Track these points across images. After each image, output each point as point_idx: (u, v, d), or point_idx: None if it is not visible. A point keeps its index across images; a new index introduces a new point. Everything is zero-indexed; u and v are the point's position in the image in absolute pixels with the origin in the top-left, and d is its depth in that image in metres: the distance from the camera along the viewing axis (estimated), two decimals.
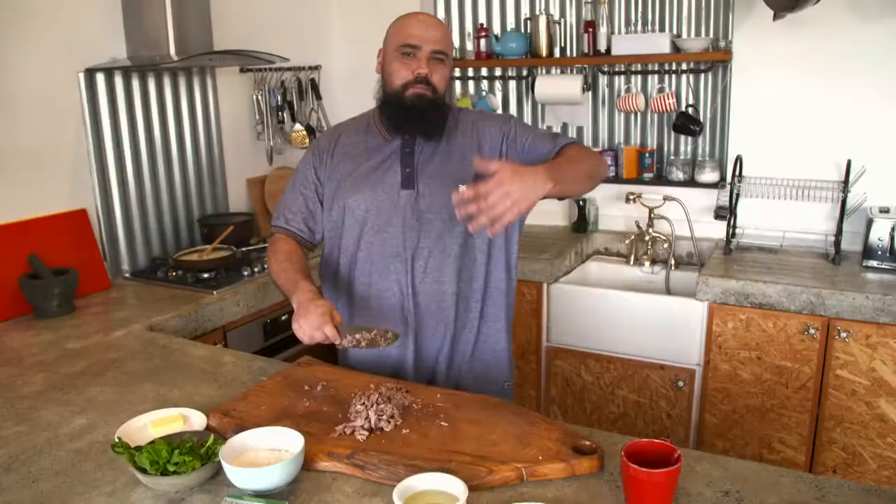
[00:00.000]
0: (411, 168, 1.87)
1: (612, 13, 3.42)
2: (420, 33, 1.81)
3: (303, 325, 1.64)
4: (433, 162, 1.88)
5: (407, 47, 1.82)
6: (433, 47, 1.81)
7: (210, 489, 1.36)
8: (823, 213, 3.08)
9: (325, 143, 1.99)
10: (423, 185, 1.86)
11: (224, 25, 3.15)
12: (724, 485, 1.35)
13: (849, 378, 2.59)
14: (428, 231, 1.85)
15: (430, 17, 1.86)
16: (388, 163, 1.89)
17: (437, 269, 1.87)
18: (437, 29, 1.83)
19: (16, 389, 1.88)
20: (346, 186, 1.90)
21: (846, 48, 2.90)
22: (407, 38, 1.81)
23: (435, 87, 1.82)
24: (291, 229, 1.96)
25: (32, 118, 2.59)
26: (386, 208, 1.86)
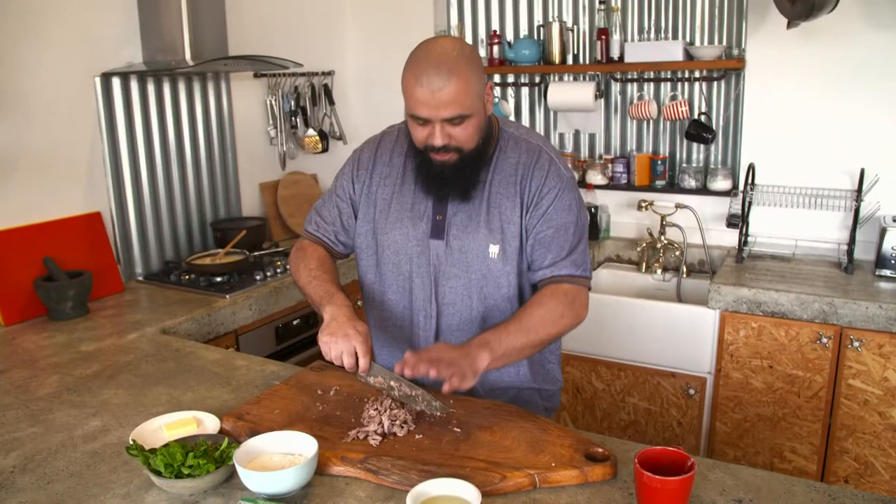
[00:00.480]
0: (443, 216, 1.74)
1: (625, 20, 3.42)
2: (426, 101, 1.56)
3: (333, 344, 1.55)
4: (465, 211, 1.73)
5: (416, 118, 1.62)
6: (445, 115, 1.58)
7: (224, 492, 1.37)
8: (836, 221, 3.07)
9: (366, 157, 1.85)
10: (454, 238, 1.73)
11: (239, 31, 3.18)
12: (738, 493, 1.34)
13: (861, 387, 2.58)
14: (454, 287, 1.76)
15: (438, 77, 1.54)
16: (423, 206, 1.76)
17: (463, 322, 1.78)
18: (448, 90, 1.54)
19: (30, 391, 1.89)
20: (381, 221, 1.80)
21: (860, 57, 2.89)
22: (414, 110, 1.60)
23: (461, 148, 1.64)
24: (322, 238, 1.89)
25: (48, 122, 2.61)
26: (415, 257, 1.77)
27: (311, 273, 1.78)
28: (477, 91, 1.60)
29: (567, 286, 1.71)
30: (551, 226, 1.71)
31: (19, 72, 2.51)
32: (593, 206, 3.51)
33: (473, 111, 1.60)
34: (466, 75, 1.56)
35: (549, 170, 1.72)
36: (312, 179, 3.76)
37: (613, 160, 3.51)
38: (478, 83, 1.60)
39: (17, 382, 1.95)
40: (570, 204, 1.72)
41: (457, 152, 1.64)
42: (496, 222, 1.72)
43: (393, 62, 3.89)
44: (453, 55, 1.57)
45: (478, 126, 1.64)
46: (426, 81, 1.55)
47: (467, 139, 1.63)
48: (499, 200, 1.72)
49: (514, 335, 1.60)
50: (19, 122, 2.53)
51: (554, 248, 1.71)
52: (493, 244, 1.72)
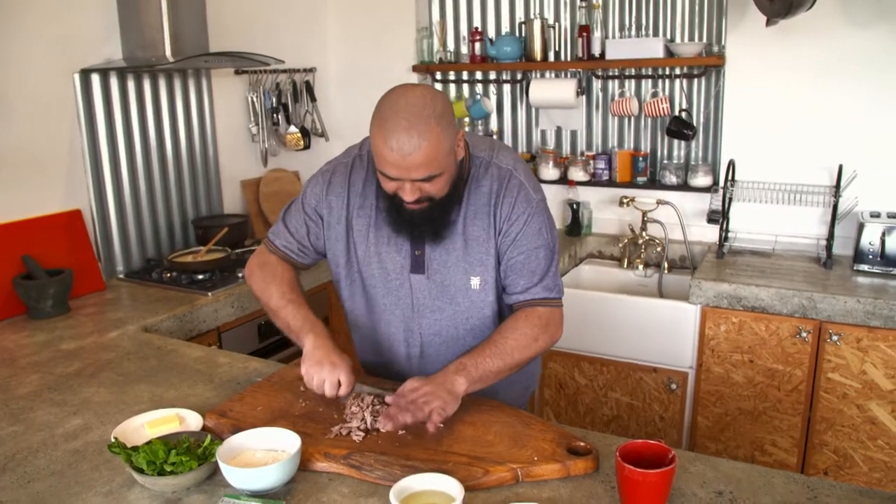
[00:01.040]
0: (421, 252, 1.72)
1: (606, 18, 3.43)
2: (396, 163, 1.50)
3: (317, 373, 1.57)
4: (443, 247, 1.71)
5: (386, 176, 1.56)
6: (416, 177, 1.53)
7: (207, 489, 1.37)
8: (815, 217, 3.10)
9: (339, 180, 1.77)
10: (435, 273, 1.73)
11: (219, 27, 3.16)
12: (718, 485, 1.36)
13: (840, 381, 2.61)
14: (438, 319, 1.77)
15: (409, 142, 1.47)
16: (398, 241, 1.73)
17: (446, 345, 1.79)
18: (418, 154, 1.48)
19: (10, 390, 1.88)
20: (359, 252, 1.77)
21: (838, 54, 2.92)
22: (383, 168, 1.54)
23: (431, 198, 1.60)
24: (288, 253, 1.84)
25: (27, 118, 2.59)
26: (396, 289, 1.76)
27: (286, 297, 1.75)
28: (448, 147, 1.54)
29: (541, 310, 1.72)
30: (522, 251, 1.70)
31: None
32: (575, 202, 3.52)
33: (445, 168, 1.55)
34: (437, 135, 1.49)
35: (519, 194, 1.69)
36: (294, 176, 3.75)
37: (595, 157, 3.53)
38: (449, 140, 1.54)
39: None
40: (540, 228, 1.71)
41: (428, 201, 1.60)
42: (475, 255, 1.71)
43: (375, 59, 3.93)
44: (424, 114, 1.49)
45: (449, 179, 1.60)
46: (396, 145, 1.48)
47: (439, 191, 1.59)
48: (475, 233, 1.70)
49: (489, 359, 1.60)
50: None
51: (525, 274, 1.71)
52: (473, 276, 1.72)
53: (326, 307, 3.10)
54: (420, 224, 1.65)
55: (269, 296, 1.78)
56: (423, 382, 1.54)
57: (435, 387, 1.51)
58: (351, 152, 1.82)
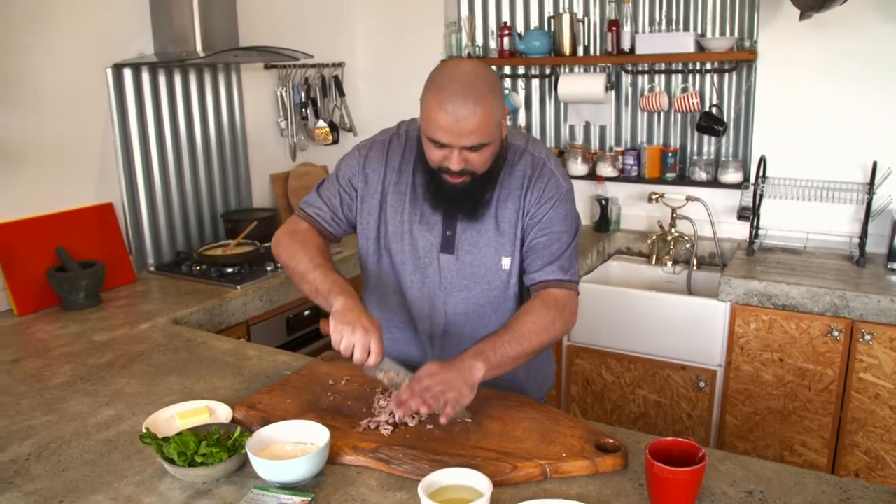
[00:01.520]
0: (452, 232, 1.73)
1: (636, 12, 3.41)
2: (450, 128, 1.52)
3: (349, 334, 1.49)
4: (475, 228, 1.73)
5: (435, 141, 1.58)
6: (467, 144, 1.55)
7: (236, 481, 1.38)
8: (848, 214, 3.05)
9: (376, 155, 1.80)
10: (465, 253, 1.74)
11: (249, 22, 3.18)
12: (748, 485, 1.35)
13: (872, 381, 2.58)
14: (465, 299, 1.77)
15: (465, 106, 1.50)
16: (431, 220, 1.74)
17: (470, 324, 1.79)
18: (472, 120, 1.51)
19: (44, 380, 1.91)
20: (390, 229, 1.78)
21: (872, 49, 2.87)
22: (434, 134, 1.56)
23: (474, 172, 1.62)
24: (320, 221, 1.83)
25: (60, 113, 2.62)
26: (425, 267, 1.77)
27: (314, 261, 1.71)
28: (498, 119, 1.57)
29: (557, 292, 1.71)
30: (545, 234, 1.72)
31: (31, 63, 2.52)
32: (603, 198, 3.50)
33: (493, 139, 1.58)
34: (491, 104, 1.53)
35: (549, 181, 1.72)
36: (323, 171, 3.76)
37: (624, 152, 3.51)
38: (499, 111, 1.58)
39: (32, 371, 1.97)
40: (566, 214, 1.74)
41: (470, 175, 1.62)
42: (506, 236, 1.73)
43: (403, 54, 3.93)
44: (478, 83, 1.53)
45: (494, 152, 1.63)
46: (451, 109, 1.50)
47: (482, 164, 1.62)
48: (506, 215, 1.73)
49: (508, 344, 1.58)
50: (31, 113, 2.54)
51: (545, 255, 1.73)
52: (504, 257, 1.74)
53: None
54: (458, 200, 1.67)
55: (298, 261, 1.73)
56: (441, 368, 1.50)
57: (452, 374, 1.48)
58: (387, 132, 1.84)
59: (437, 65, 1.60)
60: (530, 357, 1.64)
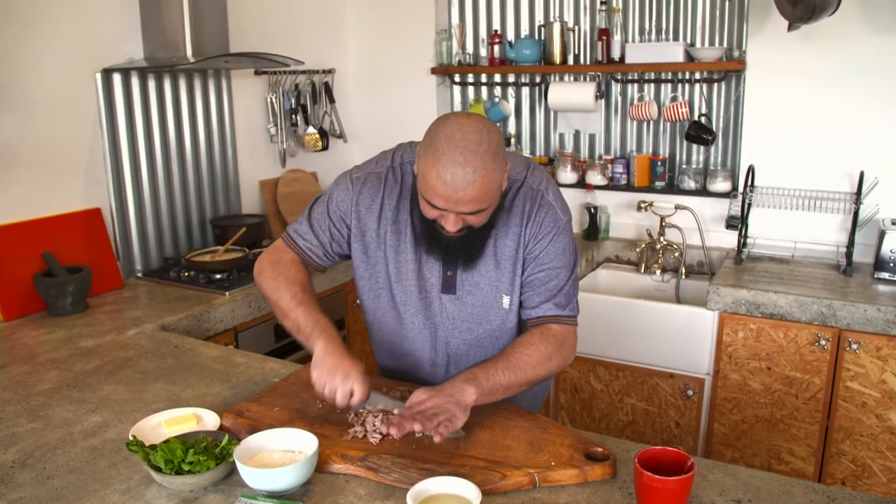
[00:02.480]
0: (453, 273, 1.71)
1: (626, 21, 3.42)
2: (447, 196, 1.47)
3: (330, 381, 1.51)
4: (475, 268, 1.71)
5: (431, 205, 1.53)
6: (463, 211, 1.51)
7: (224, 489, 1.37)
8: (835, 224, 3.07)
9: (369, 196, 1.73)
10: (467, 294, 1.72)
11: (240, 28, 3.18)
12: (737, 494, 1.35)
13: (859, 390, 2.59)
14: (467, 340, 1.78)
15: (463, 178, 1.44)
16: (430, 261, 1.72)
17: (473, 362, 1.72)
18: (471, 190, 1.46)
19: (30, 386, 1.89)
20: (389, 268, 1.74)
21: (860, 59, 2.89)
22: (432, 199, 1.50)
23: (472, 227, 1.58)
24: (308, 254, 1.80)
25: (49, 117, 2.61)
26: (426, 308, 1.75)
27: (297, 297, 1.68)
28: (498, 184, 1.52)
29: (556, 328, 1.70)
30: (542, 269, 1.70)
31: (20, 67, 2.51)
32: (593, 206, 3.51)
33: (492, 202, 1.54)
34: (491, 172, 1.47)
35: (547, 214, 1.69)
36: (312, 177, 3.76)
37: (613, 161, 3.52)
38: (500, 175, 1.51)
39: (17, 378, 1.95)
40: (564, 248, 1.71)
41: (467, 229, 1.58)
42: (506, 274, 1.71)
43: (394, 61, 3.93)
44: (480, 150, 1.45)
45: (492, 209, 1.58)
46: (450, 179, 1.44)
47: (480, 222, 1.58)
48: (506, 253, 1.70)
49: (501, 372, 1.56)
50: (20, 117, 2.52)
51: (543, 292, 1.71)
52: (504, 296, 1.72)
53: (343, 309, 3.10)
54: (455, 250, 1.64)
55: (280, 295, 1.71)
56: (432, 394, 1.48)
57: (443, 398, 1.47)
58: (383, 162, 1.76)
59: (438, 119, 1.53)
60: (523, 388, 1.62)
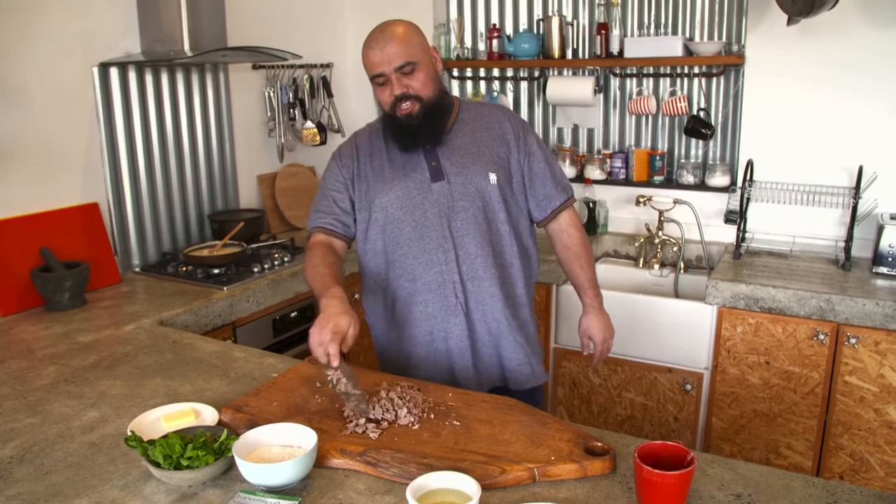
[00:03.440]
0: (437, 162, 1.92)
1: (624, 15, 3.42)
2: (378, 59, 1.83)
3: (316, 334, 1.59)
4: (458, 153, 1.93)
5: (376, 77, 1.86)
6: (395, 64, 1.82)
7: (222, 484, 1.37)
8: (834, 218, 3.07)
9: (347, 149, 2.04)
10: (455, 176, 1.91)
11: (238, 22, 3.17)
12: (736, 488, 1.35)
13: (857, 384, 2.59)
14: (465, 218, 1.91)
15: (384, 34, 1.84)
16: (414, 160, 1.93)
17: (478, 248, 1.92)
18: (393, 44, 1.82)
19: (28, 382, 1.89)
20: (377, 187, 1.94)
21: (859, 54, 2.89)
22: (371, 70, 1.86)
23: (418, 97, 1.86)
24: (325, 226, 1.98)
25: (46, 112, 2.60)
26: (420, 203, 1.90)
27: (314, 269, 1.84)
28: (419, 43, 1.87)
29: (564, 217, 2.08)
30: (539, 160, 2.01)
31: (17, 61, 2.50)
32: (591, 201, 3.51)
33: (419, 60, 1.85)
34: (406, 29, 1.86)
35: (516, 118, 2.05)
36: (310, 172, 3.75)
37: (612, 155, 3.51)
38: (419, 37, 1.88)
39: (15, 373, 1.95)
40: (541, 142, 2.06)
41: (417, 101, 1.85)
42: (487, 154, 1.95)
43: None
44: (395, 26, 1.86)
45: (428, 75, 1.88)
46: (376, 44, 1.83)
47: (422, 86, 1.85)
48: (482, 139, 1.96)
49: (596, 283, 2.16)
50: (17, 111, 2.51)
51: (550, 179, 2.03)
52: (491, 172, 1.93)
53: None
54: (417, 128, 1.88)
55: (306, 273, 1.89)
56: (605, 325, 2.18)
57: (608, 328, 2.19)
58: (355, 132, 2.10)
59: None
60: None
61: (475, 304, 1.94)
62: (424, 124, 1.88)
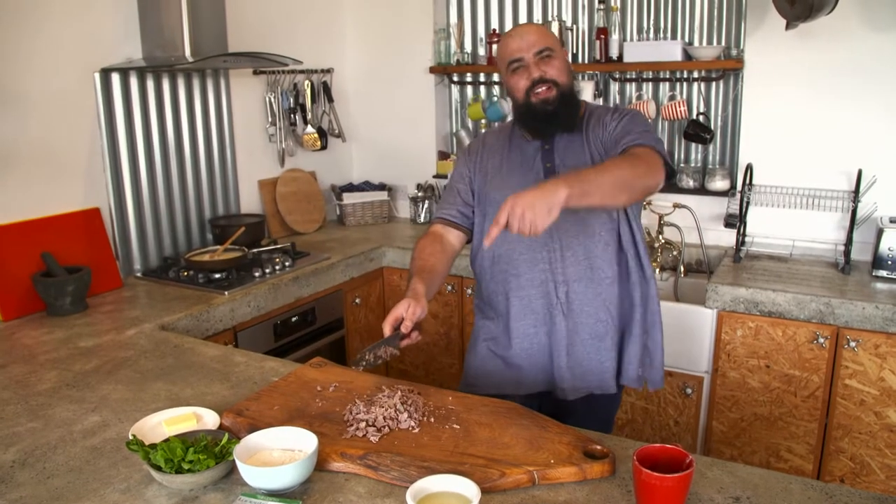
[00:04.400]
0: (552, 163, 1.95)
1: (624, 20, 3.43)
2: (518, 45, 1.89)
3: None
4: (571, 155, 1.95)
5: (513, 63, 1.91)
6: (535, 49, 1.88)
7: (224, 488, 1.37)
8: (833, 222, 3.08)
9: (474, 146, 2.13)
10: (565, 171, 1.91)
11: (238, 27, 3.18)
12: (735, 491, 1.35)
13: (858, 388, 2.59)
14: (574, 221, 1.91)
15: (524, 26, 1.94)
16: (531, 160, 1.98)
17: (585, 255, 1.93)
18: (533, 32, 1.90)
19: (30, 386, 1.90)
20: (494, 182, 2.00)
21: (858, 58, 2.90)
22: (510, 56, 1.91)
23: (555, 82, 1.89)
24: (445, 217, 2.07)
25: (48, 117, 2.61)
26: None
27: (413, 262, 1.96)
28: (556, 39, 1.94)
29: (640, 148, 1.82)
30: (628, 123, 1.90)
31: (19, 67, 2.51)
32: None
33: (556, 50, 1.91)
34: (543, 28, 1.95)
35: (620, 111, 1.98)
36: (311, 177, 3.76)
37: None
38: (555, 35, 1.97)
39: (17, 377, 1.95)
40: (645, 121, 1.94)
41: (554, 86, 1.89)
42: (597, 156, 1.93)
43: (392, 60, 3.93)
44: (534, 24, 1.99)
45: (564, 64, 1.92)
46: (515, 33, 1.92)
47: (559, 73, 1.89)
48: (594, 143, 1.94)
49: (592, 171, 1.70)
50: (19, 117, 2.53)
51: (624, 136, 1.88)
52: None
53: (342, 308, 3.11)
54: (553, 113, 1.90)
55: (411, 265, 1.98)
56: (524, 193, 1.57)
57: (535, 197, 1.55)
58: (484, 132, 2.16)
59: None
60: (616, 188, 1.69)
61: (577, 305, 1.95)
62: (560, 110, 1.91)
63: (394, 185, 4.02)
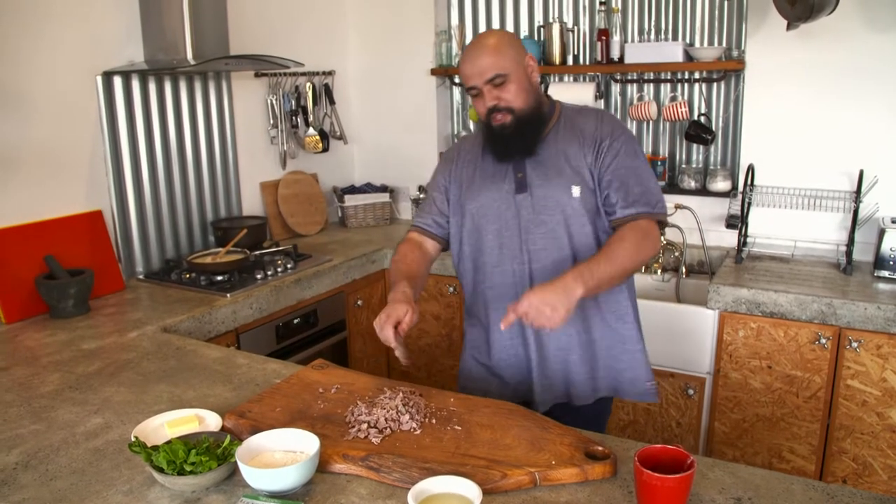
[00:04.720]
0: (523, 173, 1.93)
1: (625, 21, 3.43)
2: (470, 72, 1.85)
3: (376, 320, 1.75)
4: (543, 165, 1.92)
5: (470, 90, 1.89)
6: (486, 77, 1.83)
7: (226, 489, 1.37)
8: (835, 222, 3.08)
9: (451, 153, 2.12)
10: (537, 188, 1.91)
11: (240, 30, 3.18)
12: (737, 491, 1.35)
13: (860, 388, 2.59)
14: (544, 232, 1.91)
15: (476, 47, 1.86)
16: (503, 170, 1.95)
17: (553, 268, 1.91)
18: (485, 55, 1.83)
19: (32, 388, 1.90)
20: (468, 193, 2.00)
21: (859, 58, 2.90)
22: (465, 82, 1.89)
23: (510, 108, 1.86)
24: (420, 225, 2.09)
25: (50, 120, 2.62)
26: (503, 213, 1.93)
27: (395, 265, 1.99)
28: (513, 56, 1.85)
29: (642, 222, 1.86)
30: (624, 165, 1.88)
31: (21, 70, 2.52)
32: None
33: (510, 72, 1.83)
34: (499, 46, 1.84)
35: (614, 122, 1.95)
36: (313, 179, 3.76)
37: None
38: (514, 49, 1.86)
39: (20, 380, 1.96)
40: (636, 150, 1.92)
41: (509, 113, 1.86)
42: (572, 164, 1.90)
43: (394, 62, 3.94)
44: (491, 38, 1.86)
45: (521, 86, 1.86)
46: (468, 58, 1.85)
47: (513, 98, 1.85)
48: (571, 149, 1.91)
49: (603, 265, 1.74)
50: (21, 120, 2.53)
51: (632, 188, 1.87)
52: (574, 185, 1.89)
53: (343, 310, 3.11)
54: (510, 138, 1.89)
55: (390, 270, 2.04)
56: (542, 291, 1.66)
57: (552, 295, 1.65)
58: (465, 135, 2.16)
59: None
60: (622, 279, 1.85)
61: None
62: (516, 136, 1.89)
63: (395, 186, 4.02)
